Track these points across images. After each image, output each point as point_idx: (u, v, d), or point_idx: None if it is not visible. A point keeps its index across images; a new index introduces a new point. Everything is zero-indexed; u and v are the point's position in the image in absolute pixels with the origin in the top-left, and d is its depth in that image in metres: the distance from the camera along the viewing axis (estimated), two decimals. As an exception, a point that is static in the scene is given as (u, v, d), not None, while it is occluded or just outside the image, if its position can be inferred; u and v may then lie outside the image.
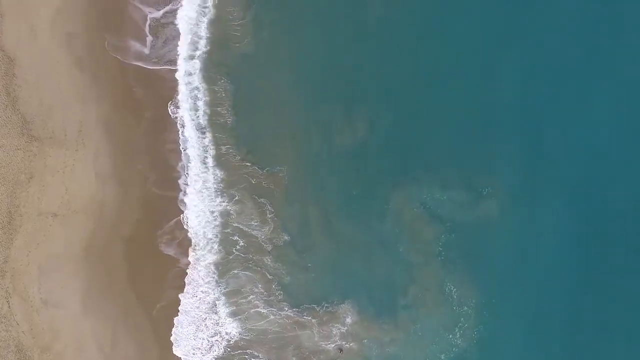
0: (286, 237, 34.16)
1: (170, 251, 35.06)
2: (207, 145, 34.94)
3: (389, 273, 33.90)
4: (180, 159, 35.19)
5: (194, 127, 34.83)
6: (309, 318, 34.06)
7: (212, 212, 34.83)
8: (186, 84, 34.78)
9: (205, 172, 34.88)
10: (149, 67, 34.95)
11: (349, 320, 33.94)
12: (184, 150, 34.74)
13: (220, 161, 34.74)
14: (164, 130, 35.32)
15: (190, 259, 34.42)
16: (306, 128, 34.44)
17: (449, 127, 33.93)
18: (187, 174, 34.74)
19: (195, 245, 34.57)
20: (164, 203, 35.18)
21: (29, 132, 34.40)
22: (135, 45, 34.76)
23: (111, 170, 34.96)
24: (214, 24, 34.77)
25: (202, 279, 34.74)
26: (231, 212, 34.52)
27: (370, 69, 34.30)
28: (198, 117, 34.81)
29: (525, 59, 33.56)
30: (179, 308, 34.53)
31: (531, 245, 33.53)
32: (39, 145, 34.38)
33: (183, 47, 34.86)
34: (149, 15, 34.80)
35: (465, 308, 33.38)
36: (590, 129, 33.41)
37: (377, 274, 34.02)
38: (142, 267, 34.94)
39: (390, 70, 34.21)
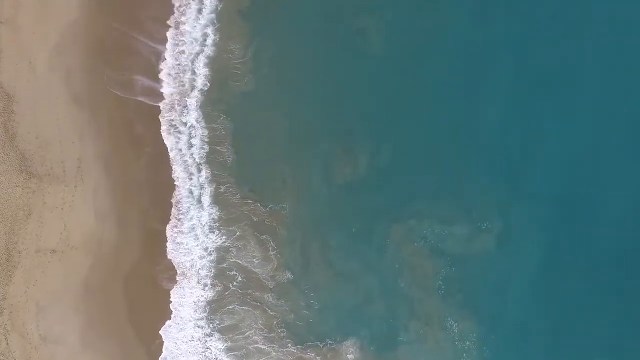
0: (289, 275, 34.12)
1: (170, 286, 34.92)
2: (203, 183, 34.75)
3: (390, 308, 33.86)
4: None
5: (186, 165, 34.73)
6: (313, 355, 33.94)
7: (206, 248, 34.69)
8: (180, 123, 34.74)
9: (200, 209, 34.74)
10: (150, 103, 34.91)
11: (351, 357, 33.86)
12: (177, 188, 34.70)
13: (219, 199, 34.67)
14: (164, 165, 35.20)
15: (173, 298, 34.06)
16: (307, 165, 34.55)
17: (447, 163, 34.07)
18: (179, 211, 34.63)
19: (182, 281, 34.38)
20: (163, 238, 35.06)
21: (28, 169, 34.26)
22: (136, 80, 34.68)
23: (110, 205, 34.83)
24: (214, 61, 34.85)
25: (191, 315, 34.57)
26: (231, 248, 34.42)
27: (369, 105, 34.47)
28: (193, 154, 34.67)
29: (521, 98, 33.81)
30: (163, 347, 34.18)
31: (531, 279, 33.47)
32: (38, 182, 34.23)
33: (183, 85, 34.87)
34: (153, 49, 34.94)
35: (467, 343, 33.34)
36: (586, 167, 33.59)
37: (379, 309, 33.98)
38: (141, 302, 34.78)
39: (390, 107, 34.42)
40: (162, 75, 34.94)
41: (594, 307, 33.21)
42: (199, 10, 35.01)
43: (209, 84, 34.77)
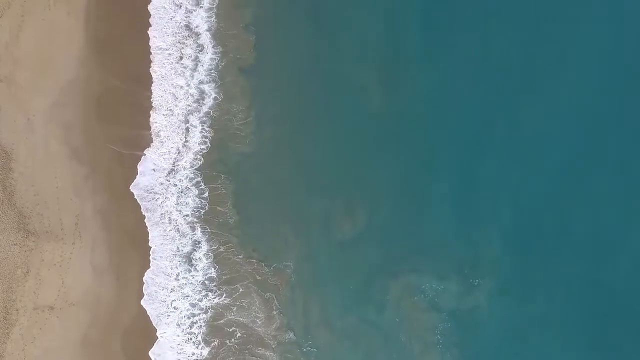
0: (291, 335, 34.46)
1: (168, 341, 35.11)
2: (200, 241, 34.95)
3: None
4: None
5: (176, 224, 34.88)
6: (315, 413, 34.50)
7: (203, 308, 34.95)
8: (175, 182, 34.94)
9: (191, 269, 34.79)
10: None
11: (354, 415, 34.43)
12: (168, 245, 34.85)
13: (219, 259, 34.74)
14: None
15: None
16: (309, 224, 34.85)
17: (442, 220, 34.61)
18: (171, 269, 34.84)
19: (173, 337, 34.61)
20: (161, 294, 35.30)
21: (26, 227, 34.20)
22: (135, 136, 34.81)
23: (108, 261, 34.82)
24: (214, 121, 35.08)
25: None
26: (231, 306, 34.71)
27: (368, 164, 35.01)
28: (187, 214, 34.83)
29: (514, 157, 34.61)
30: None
31: (525, 334, 34.31)
32: (36, 239, 34.18)
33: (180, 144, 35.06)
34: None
35: (467, 394, 34.12)
36: (578, 223, 34.32)
37: (380, 364, 34.56)
38: (139, 358, 34.87)
39: (387, 165, 34.95)
40: (159, 133, 34.83)
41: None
42: (195, 68, 35.02)
43: (209, 144, 34.84)
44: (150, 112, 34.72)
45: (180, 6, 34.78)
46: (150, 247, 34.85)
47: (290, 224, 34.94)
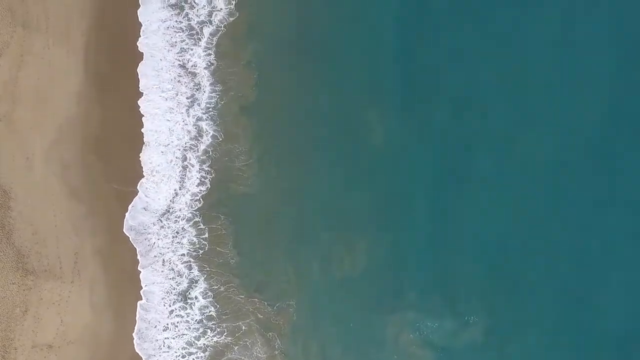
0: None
1: (167, 379, 35.18)
2: (197, 280, 34.88)
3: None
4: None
5: (171, 265, 34.80)
6: None
7: (201, 347, 34.89)
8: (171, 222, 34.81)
9: (187, 307, 34.69)
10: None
11: None
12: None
13: (219, 298, 34.75)
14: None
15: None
16: (310, 263, 34.99)
17: (439, 258, 34.97)
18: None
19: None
20: (160, 332, 35.33)
21: (24, 266, 34.08)
22: (135, 173, 34.70)
23: (107, 300, 34.78)
24: (215, 162, 34.94)
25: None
26: (232, 345, 34.77)
27: (368, 204, 35.15)
28: (184, 254, 34.78)
29: (510, 200, 34.85)
30: None
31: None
32: (34, 279, 34.08)
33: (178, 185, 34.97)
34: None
35: None
36: (571, 259, 34.75)
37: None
38: (138, 396, 35.00)
39: (387, 205, 35.15)
40: (154, 172, 34.71)
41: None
42: (192, 107, 34.89)
43: (208, 185, 34.76)
44: (143, 149, 34.25)
45: (175, 45, 34.16)
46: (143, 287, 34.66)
47: (292, 264, 35.07)
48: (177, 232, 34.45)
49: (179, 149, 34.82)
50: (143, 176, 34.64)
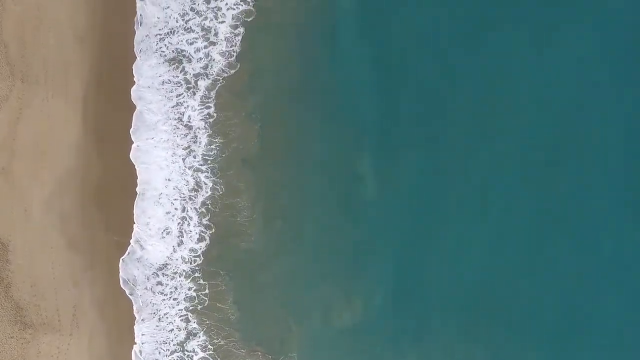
0: None
1: None
2: (197, 333, 34.45)
3: None
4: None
5: (168, 319, 34.42)
6: None
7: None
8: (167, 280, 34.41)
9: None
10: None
11: None
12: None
13: (219, 352, 34.46)
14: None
15: None
16: (311, 315, 34.79)
17: (435, 309, 34.81)
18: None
19: None
20: (159, 384, 35.09)
21: (22, 319, 33.94)
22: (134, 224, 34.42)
23: (106, 351, 34.68)
24: (215, 216, 34.44)
25: None
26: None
27: (367, 254, 34.85)
28: (181, 309, 34.40)
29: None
30: None
31: None
32: (33, 332, 33.93)
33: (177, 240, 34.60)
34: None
35: None
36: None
37: None
38: None
39: (384, 255, 34.79)
40: (149, 225, 34.30)
41: None
42: (191, 158, 34.46)
43: (208, 241, 34.33)
44: (136, 200, 33.82)
45: (171, 99, 33.68)
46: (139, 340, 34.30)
47: (294, 317, 34.81)
48: (176, 288, 34.08)
49: (177, 202, 34.31)
50: (138, 229, 34.09)
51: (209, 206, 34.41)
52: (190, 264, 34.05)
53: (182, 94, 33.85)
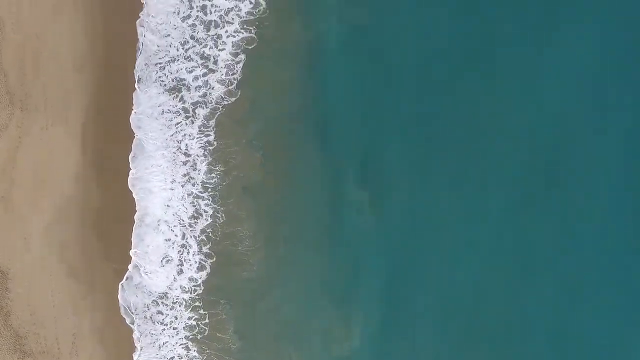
0: None
1: None
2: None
3: None
4: (177, 370, 34.81)
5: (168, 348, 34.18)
6: None
7: None
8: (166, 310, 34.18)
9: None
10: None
11: None
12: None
13: (219, 380, 34.38)
14: (160, 339, 34.95)
15: None
16: (311, 343, 34.79)
17: (433, 337, 34.85)
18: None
19: None
20: (159, 412, 34.94)
21: (22, 348, 33.86)
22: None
23: (105, 379, 34.58)
24: (217, 246, 34.21)
25: None
26: None
27: (366, 282, 34.76)
28: (182, 338, 34.14)
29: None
30: None
31: None
32: (32, 360, 33.85)
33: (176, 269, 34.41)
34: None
35: None
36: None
37: None
38: None
39: (383, 282, 34.75)
40: (147, 254, 34.11)
41: None
42: (190, 186, 34.18)
43: (208, 269, 34.11)
44: (134, 227, 33.60)
45: (170, 127, 33.48)
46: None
47: (295, 346, 34.78)
48: (175, 317, 33.89)
49: (177, 229, 34.15)
50: (136, 256, 33.92)
51: (210, 234, 34.18)
52: (190, 293, 33.84)
53: (181, 122, 33.60)
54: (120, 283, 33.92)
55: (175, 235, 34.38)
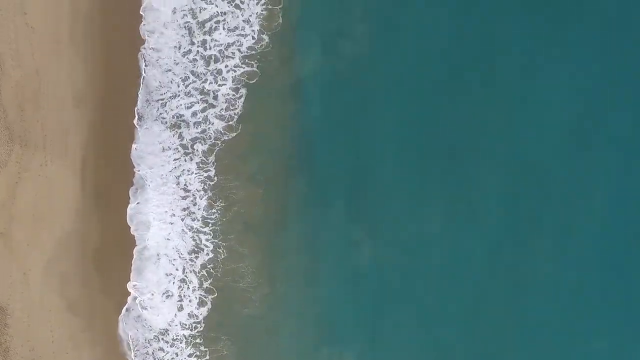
0: None
1: None
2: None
3: None
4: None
5: None
6: None
7: None
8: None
9: None
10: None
11: None
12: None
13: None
14: (160, 373, 34.77)
15: None
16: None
17: None
18: None
19: None
20: None
21: (21, 384, 33.68)
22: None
23: (104, 414, 34.42)
24: (218, 281, 34.04)
25: None
26: None
27: (369, 318, 34.64)
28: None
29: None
30: None
31: None
32: (31, 396, 33.69)
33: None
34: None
35: None
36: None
37: None
38: None
39: (375, 317, 34.62)
40: (145, 290, 34.03)
41: None
42: (191, 221, 33.96)
43: (209, 305, 33.88)
44: (133, 261, 33.56)
45: (169, 162, 33.27)
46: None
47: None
48: (176, 354, 33.68)
49: (177, 263, 33.99)
50: (135, 291, 33.77)
51: (211, 270, 33.95)
52: (191, 329, 33.62)
53: (180, 158, 33.39)
54: (120, 316, 33.74)
55: (176, 269, 34.19)
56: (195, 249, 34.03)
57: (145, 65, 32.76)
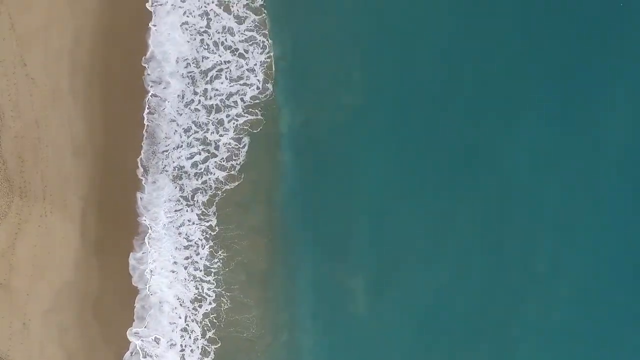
0: None
1: None
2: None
3: None
4: None
5: None
6: None
7: None
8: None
9: None
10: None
11: None
12: None
13: None
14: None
15: None
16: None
17: None
18: None
19: None
20: None
21: None
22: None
23: None
24: (221, 331, 33.71)
25: None
26: None
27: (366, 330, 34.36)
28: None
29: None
30: None
31: None
32: None
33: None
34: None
35: None
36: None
37: None
38: None
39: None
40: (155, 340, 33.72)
41: None
42: (193, 271, 33.66)
43: (213, 356, 33.59)
44: (135, 311, 33.44)
45: (170, 211, 33.21)
46: None
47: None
48: (178, 407, 33.46)
49: (180, 311, 33.71)
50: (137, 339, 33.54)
51: (214, 320, 33.64)
52: (196, 369, 33.42)
53: (182, 208, 33.09)
54: (122, 361, 33.58)
55: (179, 318, 33.91)
56: (198, 298, 33.73)
57: (151, 114, 32.37)
